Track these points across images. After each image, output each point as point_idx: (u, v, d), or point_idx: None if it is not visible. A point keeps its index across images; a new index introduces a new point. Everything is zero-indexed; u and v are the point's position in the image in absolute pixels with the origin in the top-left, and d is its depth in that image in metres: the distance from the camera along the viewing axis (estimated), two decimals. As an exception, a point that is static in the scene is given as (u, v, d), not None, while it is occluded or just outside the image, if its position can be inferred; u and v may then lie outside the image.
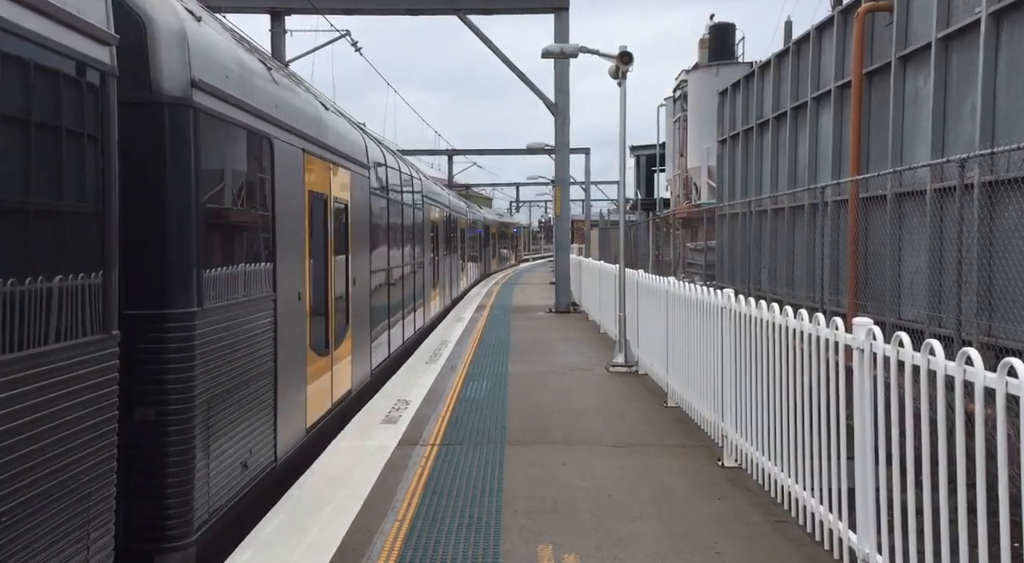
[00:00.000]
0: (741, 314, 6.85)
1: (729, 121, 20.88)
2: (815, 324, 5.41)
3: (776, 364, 6.03)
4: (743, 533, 5.52)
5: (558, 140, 22.68)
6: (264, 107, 6.65)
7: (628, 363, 12.43)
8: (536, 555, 5.15)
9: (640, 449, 7.74)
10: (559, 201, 23.09)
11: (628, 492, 6.41)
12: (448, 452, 7.61)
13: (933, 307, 9.20)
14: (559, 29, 21.19)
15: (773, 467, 6.15)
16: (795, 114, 15.70)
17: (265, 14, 23.18)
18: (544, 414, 9.28)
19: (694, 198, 32.66)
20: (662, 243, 27.85)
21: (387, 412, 9.36)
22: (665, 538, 5.44)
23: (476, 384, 11.12)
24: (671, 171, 40.07)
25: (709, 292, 8.01)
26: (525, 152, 40.88)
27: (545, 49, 15.98)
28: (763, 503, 6.10)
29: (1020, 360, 3.38)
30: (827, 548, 5.14)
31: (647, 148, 46.50)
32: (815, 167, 14.55)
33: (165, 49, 5.06)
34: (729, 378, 7.18)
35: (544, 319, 20.59)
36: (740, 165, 19.61)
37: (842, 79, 13.31)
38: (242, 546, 5.31)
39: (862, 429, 4.72)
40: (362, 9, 22.31)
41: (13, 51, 3.54)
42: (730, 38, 35.14)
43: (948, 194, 8.85)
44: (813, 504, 5.37)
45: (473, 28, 21.61)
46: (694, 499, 6.25)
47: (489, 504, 6.12)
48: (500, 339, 16.09)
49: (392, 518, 5.84)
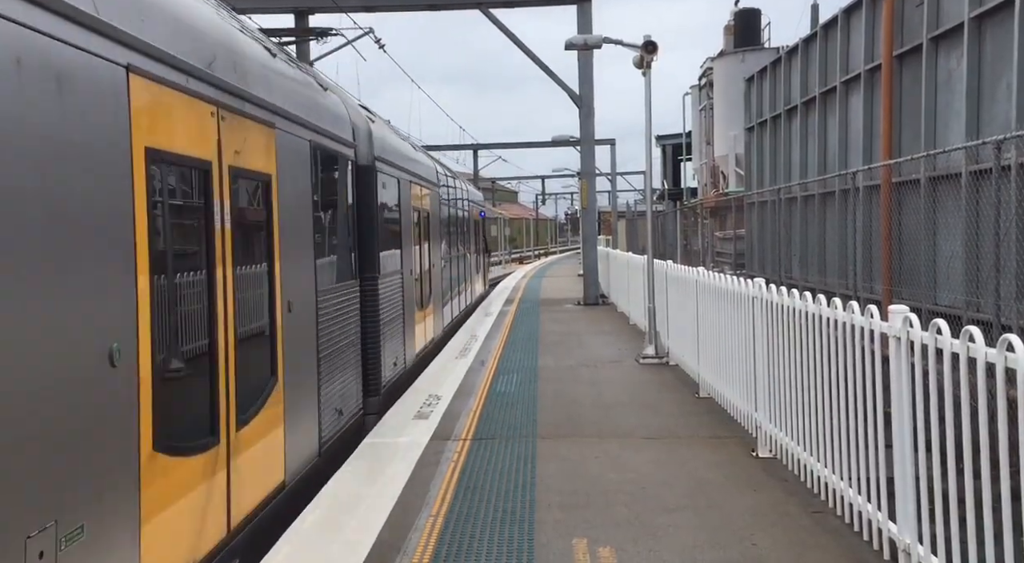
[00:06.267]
0: (773, 303, 6.78)
1: (756, 108, 20.64)
2: (849, 312, 5.33)
3: (810, 353, 5.96)
4: (780, 524, 5.47)
5: (583, 133, 22.56)
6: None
7: (659, 354, 12.36)
8: (571, 549, 5.14)
9: (673, 441, 7.70)
10: (585, 194, 22.99)
11: (662, 484, 6.37)
12: (480, 447, 7.62)
13: (970, 292, 9.03)
14: (582, 20, 21.06)
15: (809, 457, 6.08)
16: (824, 99, 15.48)
17: (289, 13, 23.32)
18: (575, 407, 9.26)
19: (722, 187, 32.37)
20: (690, 233, 27.63)
21: (419, 407, 9.40)
22: (701, 530, 5.40)
23: (506, 378, 11.13)
24: (698, 160, 39.74)
25: (740, 282, 7.93)
26: (550, 145, 40.80)
27: (568, 41, 15.89)
28: (799, 494, 6.04)
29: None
30: (866, 539, 5.08)
31: (673, 137, 46.17)
32: (845, 152, 14.34)
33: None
34: (762, 368, 7.11)
35: (573, 311, 20.55)
36: (768, 152, 19.39)
37: (872, 62, 13.09)
38: (279, 543, 5.36)
39: (900, 418, 4.64)
40: (385, 6, 22.35)
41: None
42: (756, 24, 34.74)
43: (984, 176, 8.66)
44: (851, 494, 5.30)
45: (495, 21, 21.55)
46: (729, 491, 6.20)
47: (523, 498, 6.12)
48: (529, 332, 16.09)
49: (426, 513, 5.86)
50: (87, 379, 3.54)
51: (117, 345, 3.74)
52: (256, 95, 5.70)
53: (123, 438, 3.82)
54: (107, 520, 3.64)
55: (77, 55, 3.52)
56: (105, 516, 3.63)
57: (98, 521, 3.54)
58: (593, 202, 23.54)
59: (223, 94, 5.10)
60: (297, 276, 6.58)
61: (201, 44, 4.88)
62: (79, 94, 3.51)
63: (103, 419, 3.65)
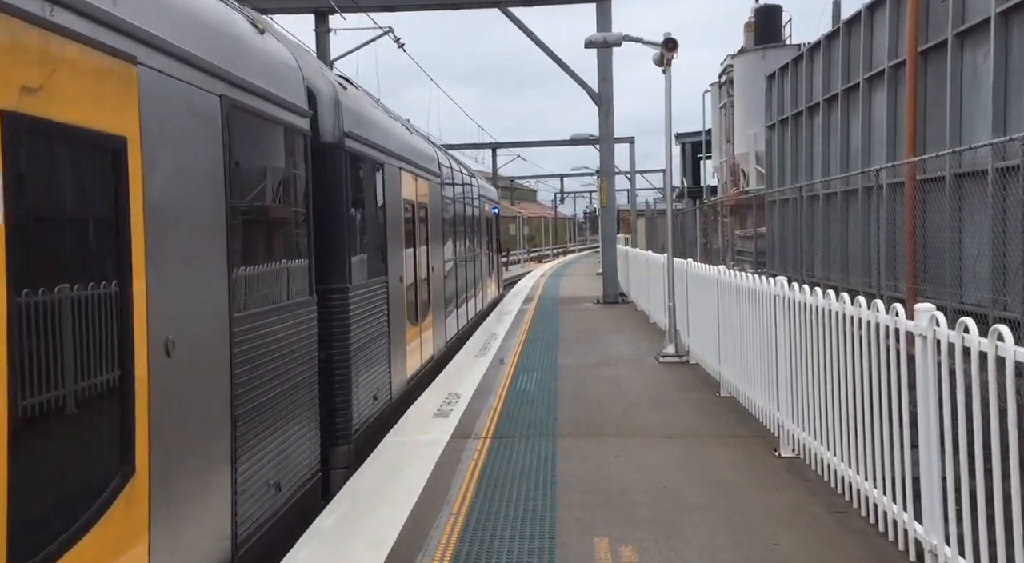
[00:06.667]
0: (796, 302, 6.72)
1: (778, 105, 20.49)
2: (874, 311, 5.27)
3: (833, 352, 5.90)
4: (803, 524, 5.42)
5: (602, 131, 22.51)
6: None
7: (679, 353, 12.31)
8: (593, 548, 5.13)
9: (694, 440, 7.66)
10: (604, 192, 22.93)
11: (683, 484, 6.34)
12: (500, 445, 7.62)
13: (997, 291, 8.91)
14: (601, 18, 21.01)
15: (833, 457, 6.02)
16: (846, 96, 15.33)
17: (310, 14, 23.45)
18: (595, 406, 9.24)
19: (742, 185, 32.16)
20: (710, 231, 27.48)
21: (439, 406, 9.41)
22: (723, 530, 5.37)
23: (526, 376, 11.12)
24: (717, 158, 39.51)
25: (761, 280, 7.87)
26: (569, 143, 40.74)
27: (588, 39, 15.85)
28: (823, 494, 5.98)
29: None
30: (892, 539, 5.02)
31: (692, 135, 45.92)
32: (868, 150, 14.20)
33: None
34: (784, 367, 7.05)
35: (592, 310, 20.50)
36: (790, 150, 19.24)
37: (895, 58, 12.95)
38: (301, 541, 5.39)
39: (926, 418, 4.59)
40: (405, 5, 22.41)
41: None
42: (777, 20, 34.47)
43: (1011, 173, 8.54)
44: (876, 494, 5.25)
45: (515, 20, 21.54)
46: (751, 490, 6.15)
47: (543, 497, 6.11)
48: (549, 331, 16.07)
49: (447, 511, 5.87)
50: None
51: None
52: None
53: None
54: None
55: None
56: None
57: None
58: (612, 200, 23.48)
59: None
60: (184, 297, 4.36)
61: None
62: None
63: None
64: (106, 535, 3.50)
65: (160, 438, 3.98)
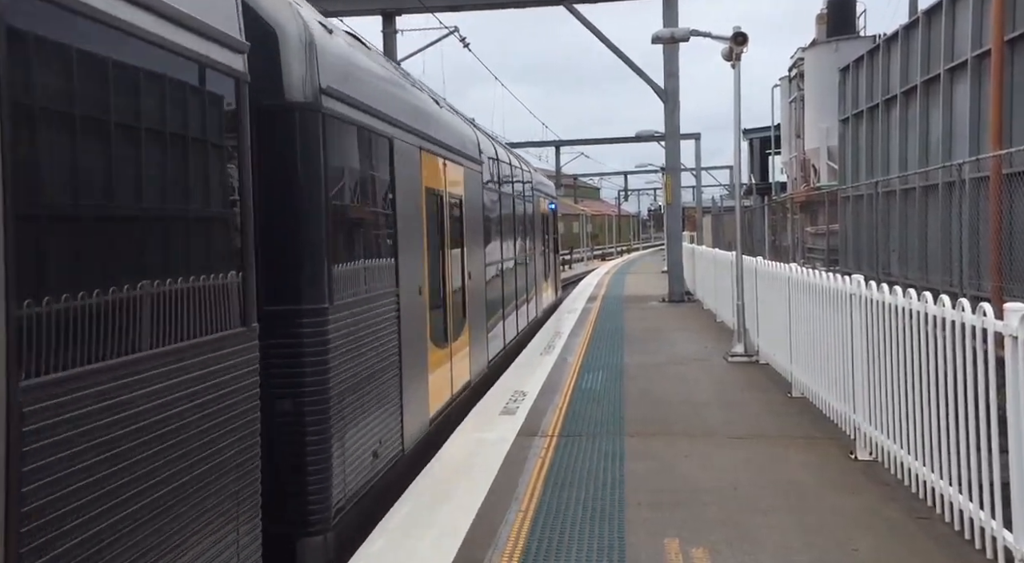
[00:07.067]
0: (874, 301, 6.51)
1: (852, 99, 19.92)
2: (959, 310, 5.07)
3: (914, 353, 5.70)
4: (882, 529, 5.25)
5: (668, 127, 22.23)
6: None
7: (748, 352, 12.07)
8: (663, 548, 5.06)
9: (765, 441, 7.49)
10: (670, 189, 22.65)
11: (755, 485, 6.21)
12: (567, 443, 7.59)
13: (1090, 290, 8.47)
14: (668, 13, 20.76)
15: (913, 461, 5.81)
16: (926, 88, 14.80)
17: (377, 15, 23.80)
18: (663, 405, 9.12)
19: (812, 181, 31.38)
20: (779, 229, 26.87)
21: (505, 403, 9.43)
22: (797, 533, 5.24)
23: (592, 375, 11.06)
24: (787, 153, 38.62)
25: (835, 278, 7.66)
26: (634, 140, 40.37)
27: (655, 34, 15.66)
28: (902, 498, 5.78)
29: None
30: (978, 547, 4.82)
31: (760, 131, 45.01)
32: (950, 143, 13.68)
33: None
34: (861, 367, 6.85)
35: (657, 309, 20.28)
36: (864, 144, 18.68)
37: (980, 48, 12.44)
38: (372, 536, 5.46)
39: (1017, 421, 4.39)
40: (470, 4, 22.54)
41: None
42: (850, 12, 33.47)
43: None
44: (961, 500, 5.04)
45: (579, 17, 21.46)
46: (825, 493, 5.99)
47: (611, 496, 6.06)
48: (614, 329, 15.95)
49: (515, 508, 5.87)
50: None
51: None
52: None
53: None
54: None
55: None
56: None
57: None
58: (678, 197, 23.17)
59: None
60: None
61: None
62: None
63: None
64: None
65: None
